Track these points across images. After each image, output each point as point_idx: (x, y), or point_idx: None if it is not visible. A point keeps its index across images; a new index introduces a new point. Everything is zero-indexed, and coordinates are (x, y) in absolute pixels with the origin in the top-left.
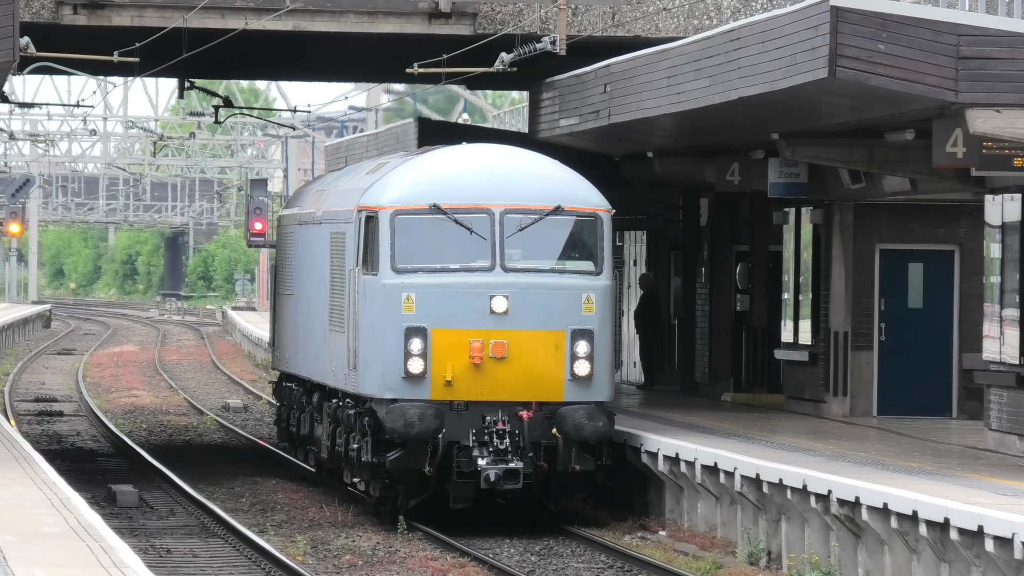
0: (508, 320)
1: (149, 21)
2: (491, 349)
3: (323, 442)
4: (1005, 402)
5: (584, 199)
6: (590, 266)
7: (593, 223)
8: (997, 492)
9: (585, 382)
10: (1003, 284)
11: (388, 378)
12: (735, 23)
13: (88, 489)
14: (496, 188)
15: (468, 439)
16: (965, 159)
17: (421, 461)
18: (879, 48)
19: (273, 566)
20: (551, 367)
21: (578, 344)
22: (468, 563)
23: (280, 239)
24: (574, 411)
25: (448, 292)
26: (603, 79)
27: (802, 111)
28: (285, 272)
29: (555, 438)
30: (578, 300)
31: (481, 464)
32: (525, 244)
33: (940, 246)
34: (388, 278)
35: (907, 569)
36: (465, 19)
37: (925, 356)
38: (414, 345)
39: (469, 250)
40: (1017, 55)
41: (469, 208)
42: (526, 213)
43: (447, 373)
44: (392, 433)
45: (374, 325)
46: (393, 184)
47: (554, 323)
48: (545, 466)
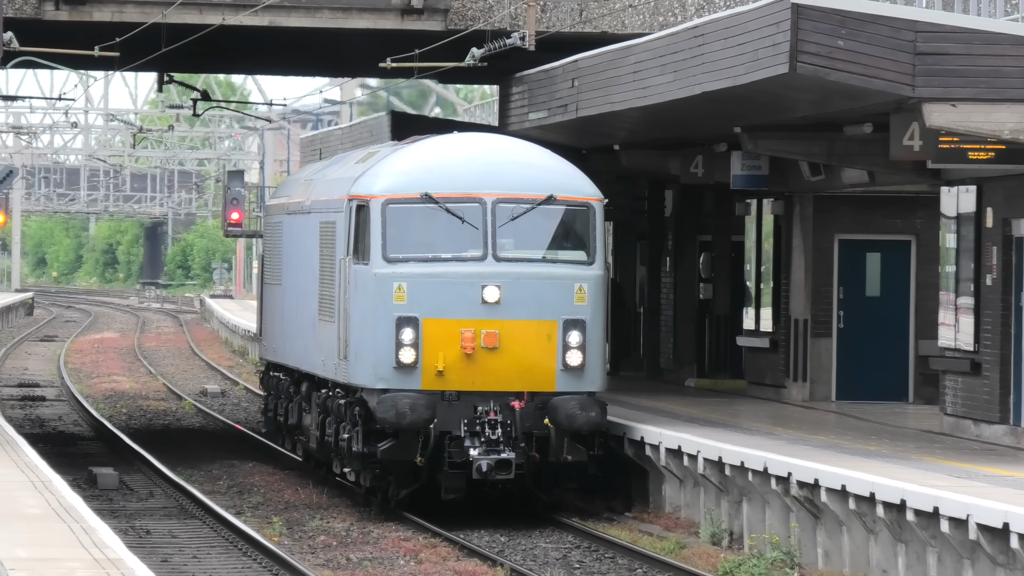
0: (500, 310)
1: (129, 16)
2: (483, 339)
3: (312, 432)
4: (960, 387)
5: (576, 188)
6: (582, 255)
7: (586, 212)
8: (952, 475)
9: (577, 372)
10: (958, 273)
11: (379, 368)
12: (699, 20)
13: (69, 472)
14: (488, 177)
15: (460, 429)
16: (922, 152)
17: (412, 451)
18: (838, 44)
19: (250, 546)
20: (543, 357)
21: (570, 334)
22: (440, 543)
23: (268, 229)
24: (566, 401)
25: (440, 282)
26: (571, 74)
27: (764, 105)
28: (273, 262)
29: (547, 428)
30: (570, 290)
31: (473, 454)
32: (517, 233)
33: (897, 236)
34: (379, 267)
35: (864, 549)
36: (437, 15)
37: (882, 343)
38: (405, 335)
39: (461, 239)
40: (972, 51)
41: (461, 197)
42: (518, 202)
43: (439, 363)
44: (383, 423)
45: (365, 315)
46: (384, 173)
47: (546, 313)
48: (537, 456)
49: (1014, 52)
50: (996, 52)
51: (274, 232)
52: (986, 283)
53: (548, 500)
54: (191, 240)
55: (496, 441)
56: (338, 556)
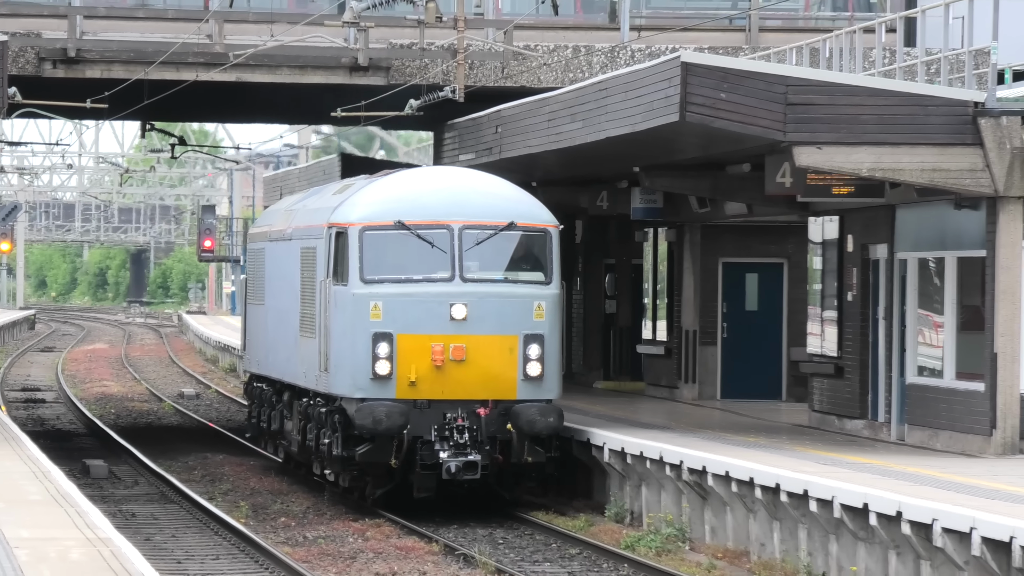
0: (466, 326)
1: (116, 74)
2: (451, 352)
3: (294, 437)
4: (825, 387)
5: (535, 216)
6: (540, 276)
7: (543, 237)
8: (819, 462)
9: (537, 382)
10: (823, 290)
11: (357, 379)
12: (603, 76)
13: (66, 463)
14: (455, 206)
15: (431, 434)
16: (792, 188)
17: (388, 454)
18: (721, 96)
19: (220, 527)
20: (506, 368)
21: (530, 347)
22: (384, 523)
23: (250, 254)
24: (527, 408)
25: (412, 300)
26: (495, 122)
27: (658, 148)
28: (256, 284)
29: (510, 433)
30: (530, 307)
31: (442, 457)
32: (482, 257)
33: (772, 259)
34: (357, 288)
35: (745, 526)
36: (380, 72)
37: (759, 350)
38: (381, 349)
39: (431, 262)
40: (835, 101)
41: (431, 224)
42: (482, 229)
43: (411, 374)
44: (361, 429)
45: (344, 331)
46: (361, 203)
47: (508, 328)
48: (500, 458)
49: (870, 102)
50: (855, 102)
51: (257, 257)
52: (847, 299)
53: (509, 497)
54: (170, 264)
55: (463, 445)
56: (296, 535)
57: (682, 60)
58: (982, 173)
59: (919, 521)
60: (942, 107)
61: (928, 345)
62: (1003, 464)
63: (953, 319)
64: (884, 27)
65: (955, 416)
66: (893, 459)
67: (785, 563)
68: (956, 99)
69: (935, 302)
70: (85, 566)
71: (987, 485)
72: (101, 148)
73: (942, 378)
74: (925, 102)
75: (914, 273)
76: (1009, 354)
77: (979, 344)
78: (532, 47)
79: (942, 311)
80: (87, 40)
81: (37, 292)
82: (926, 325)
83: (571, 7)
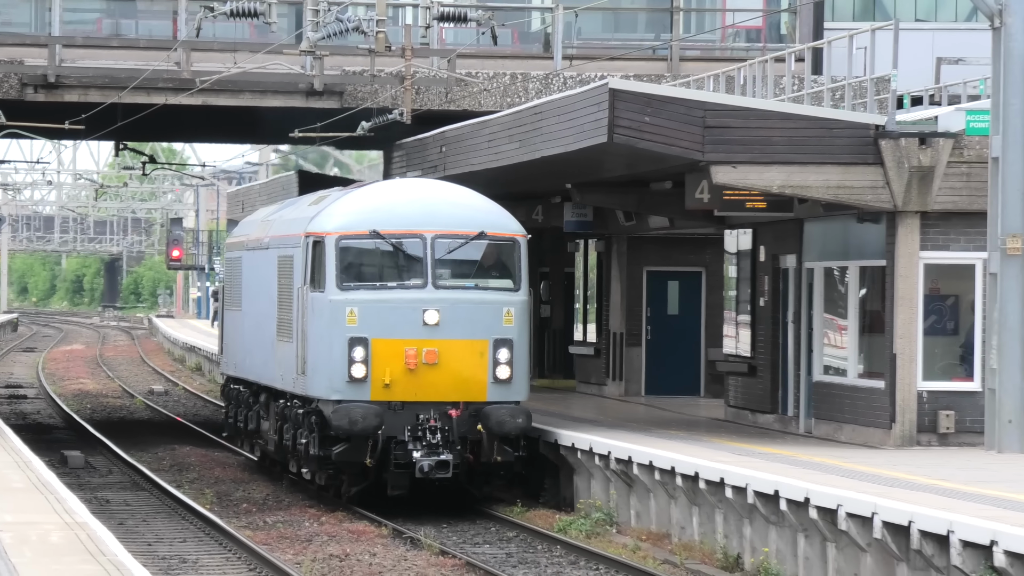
0: (439, 331)
1: (92, 98)
2: (424, 356)
3: (271, 436)
4: (740, 385)
5: (504, 226)
6: (509, 283)
7: (511, 246)
8: (734, 453)
9: (506, 384)
10: (738, 296)
11: (334, 381)
12: (539, 101)
13: (46, 454)
14: (427, 216)
15: (404, 434)
16: (709, 203)
17: (363, 454)
18: (645, 120)
19: (188, 512)
20: (476, 371)
21: (500, 351)
22: (338, 510)
23: (228, 263)
24: (497, 409)
25: (386, 307)
26: (439, 142)
27: (589, 167)
28: (233, 290)
29: (480, 433)
30: (499, 313)
31: (416, 456)
32: (453, 265)
33: (691, 268)
34: (334, 295)
35: (667, 511)
36: (334, 96)
37: (680, 350)
38: (357, 353)
39: (404, 270)
40: (748, 124)
41: (404, 233)
42: (454, 238)
43: (386, 377)
44: (338, 430)
45: (321, 336)
46: (337, 213)
47: (479, 333)
48: (471, 458)
49: (781, 125)
50: (767, 125)
51: (234, 265)
52: (760, 304)
53: (479, 495)
54: (141, 272)
55: (436, 445)
56: (257, 520)
57: (610, 87)
58: (882, 190)
59: (825, 507)
60: (846, 130)
61: (833, 346)
62: (902, 455)
63: (856, 323)
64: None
65: (858, 411)
66: (801, 450)
67: (703, 545)
68: (859, 122)
69: (839, 307)
70: (64, 548)
71: (887, 474)
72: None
73: (846, 376)
74: (831, 125)
75: (820, 281)
76: (907, 355)
77: (880, 345)
78: (473, 74)
79: (846, 315)
80: (65, 67)
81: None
82: (831, 328)
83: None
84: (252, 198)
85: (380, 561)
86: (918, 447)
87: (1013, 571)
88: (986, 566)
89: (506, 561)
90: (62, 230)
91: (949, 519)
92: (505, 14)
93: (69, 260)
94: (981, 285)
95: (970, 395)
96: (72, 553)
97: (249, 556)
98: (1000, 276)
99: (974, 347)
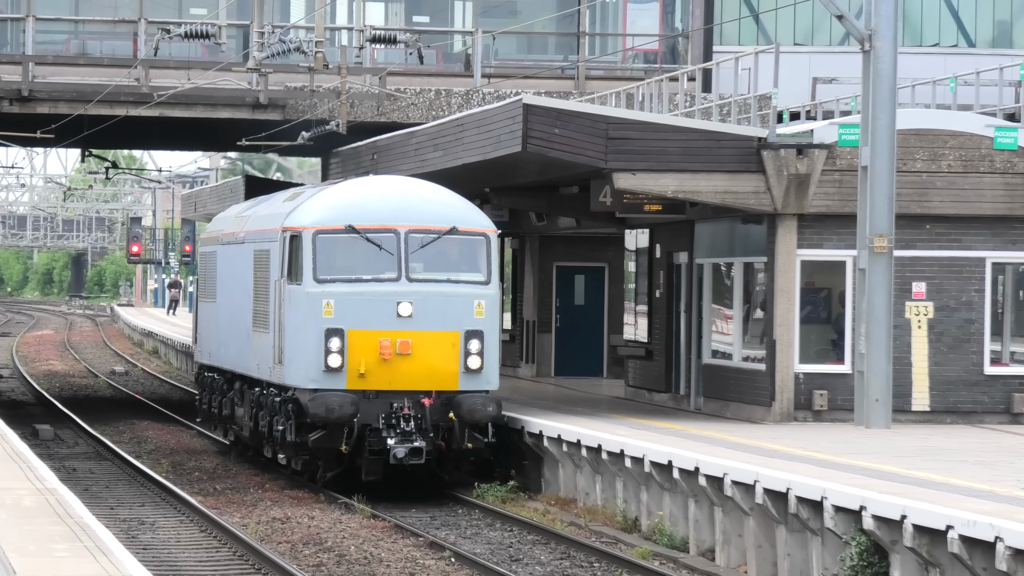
0: (412, 322)
1: (61, 110)
2: (398, 347)
3: (246, 423)
4: (638, 367)
5: (475, 221)
6: (480, 277)
7: (482, 241)
8: (633, 427)
9: (476, 374)
10: (636, 289)
11: (311, 371)
12: (460, 114)
13: (19, 427)
14: (401, 212)
15: (379, 422)
16: (612, 206)
17: (339, 441)
18: (555, 132)
19: (146, 480)
20: (448, 362)
21: (471, 342)
22: (279, 478)
23: (202, 257)
24: (468, 398)
25: (362, 299)
26: (371, 150)
27: (505, 173)
28: (207, 283)
29: (452, 421)
30: (471, 305)
31: (390, 443)
32: (426, 259)
33: (596, 263)
34: (311, 287)
35: (573, 479)
36: (277, 109)
37: (586, 336)
38: (333, 343)
39: (379, 263)
40: (646, 136)
41: (379, 228)
42: (427, 233)
43: (361, 367)
44: (315, 418)
45: (298, 327)
46: (314, 208)
47: (451, 325)
48: (443, 444)
49: (675, 137)
50: (662, 137)
51: (208, 259)
52: (656, 296)
53: (450, 480)
54: (104, 266)
55: (409, 432)
56: (207, 486)
57: (524, 102)
58: (764, 195)
59: (713, 475)
60: (732, 141)
61: (720, 333)
62: (780, 429)
63: (740, 312)
64: (686, 76)
65: (742, 390)
66: (692, 425)
67: (605, 509)
68: (743, 135)
69: (726, 299)
70: (35, 511)
71: (768, 446)
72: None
73: (731, 360)
74: (719, 137)
75: (709, 275)
76: (785, 341)
77: (761, 333)
78: (402, 90)
79: (731, 306)
80: (38, 82)
81: None
82: (718, 317)
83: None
84: (204, 200)
85: (317, 524)
86: (795, 423)
87: (880, 533)
88: (856, 528)
89: (430, 524)
90: (34, 228)
91: (823, 486)
92: (430, 36)
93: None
94: (851, 279)
95: (841, 377)
96: (43, 516)
97: (200, 519)
98: (868, 271)
99: (845, 334)
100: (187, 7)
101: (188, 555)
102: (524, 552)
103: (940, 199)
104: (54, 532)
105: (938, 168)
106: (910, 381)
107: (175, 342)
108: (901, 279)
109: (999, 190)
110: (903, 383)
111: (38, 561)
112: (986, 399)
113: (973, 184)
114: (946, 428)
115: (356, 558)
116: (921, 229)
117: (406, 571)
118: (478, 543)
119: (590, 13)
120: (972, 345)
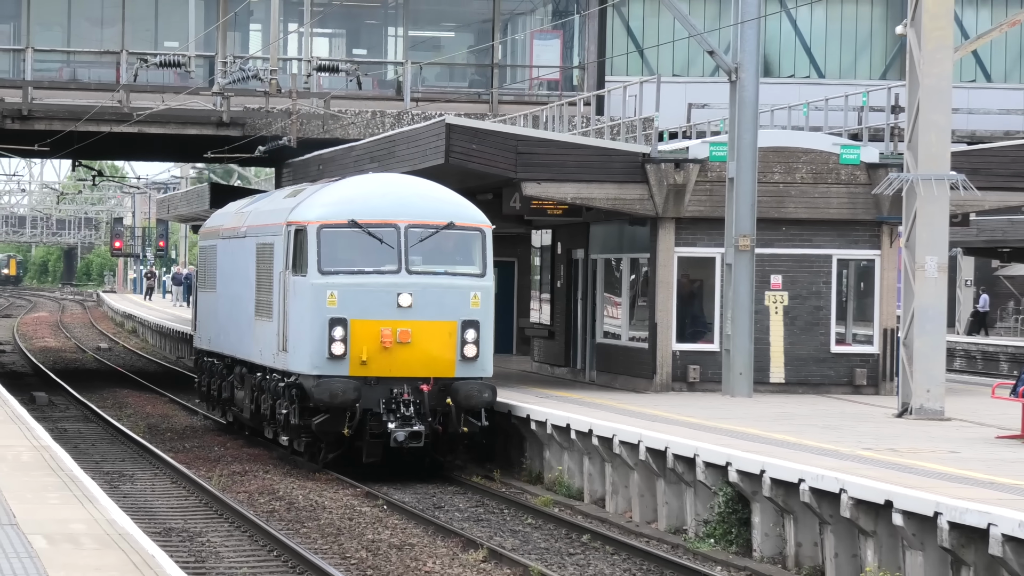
0: (411, 312)
1: (55, 127)
2: (398, 336)
3: (246, 405)
4: (542, 346)
5: (471, 217)
6: (476, 270)
7: (478, 236)
8: (538, 396)
9: (472, 362)
10: (541, 280)
11: (315, 358)
12: (392, 132)
13: (18, 394)
14: (401, 208)
15: (379, 407)
16: (520, 210)
17: (341, 424)
18: (473, 147)
19: (125, 439)
20: (445, 350)
21: (467, 332)
22: (239, 438)
23: (202, 250)
24: (464, 384)
25: (364, 290)
26: (318, 162)
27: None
28: (208, 274)
29: (448, 406)
30: (467, 297)
31: (390, 427)
32: (425, 252)
33: (507, 258)
34: (315, 279)
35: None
36: (238, 127)
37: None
38: (336, 332)
39: (380, 256)
40: (550, 151)
41: (380, 223)
42: (425, 228)
43: (363, 354)
44: (319, 403)
45: (303, 316)
46: (317, 204)
47: (448, 315)
48: (440, 428)
49: (573, 152)
50: (563, 152)
51: (208, 252)
52: (557, 285)
53: (446, 462)
54: (92, 258)
55: (408, 417)
56: (178, 445)
57: (447, 122)
58: (648, 202)
59: (604, 436)
60: (621, 156)
61: (611, 317)
62: (661, 398)
63: (627, 300)
64: (582, 102)
65: (629, 365)
66: (587, 395)
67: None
68: (630, 151)
69: (616, 288)
70: (32, 464)
71: (650, 412)
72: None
73: (620, 339)
74: (609, 153)
75: (602, 269)
76: (665, 323)
77: (645, 317)
78: (343, 111)
79: (620, 294)
80: (35, 104)
81: None
82: (609, 304)
83: (370, 84)
84: (175, 203)
85: (271, 477)
86: (672, 392)
87: (743, 485)
88: (723, 481)
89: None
90: (32, 226)
91: (695, 446)
92: (367, 66)
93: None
94: (719, 272)
95: (711, 354)
96: (38, 468)
97: (172, 472)
98: (734, 266)
99: (714, 318)
100: (162, 40)
101: (162, 502)
102: (445, 501)
103: (794, 205)
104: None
105: (793, 180)
106: (768, 358)
107: (151, 323)
108: (761, 272)
109: (844, 198)
110: (763, 359)
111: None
112: (832, 373)
113: (822, 193)
114: (798, 397)
115: (303, 505)
116: (778, 231)
117: (346, 516)
118: (407, 494)
119: (502, 47)
120: (820, 328)
